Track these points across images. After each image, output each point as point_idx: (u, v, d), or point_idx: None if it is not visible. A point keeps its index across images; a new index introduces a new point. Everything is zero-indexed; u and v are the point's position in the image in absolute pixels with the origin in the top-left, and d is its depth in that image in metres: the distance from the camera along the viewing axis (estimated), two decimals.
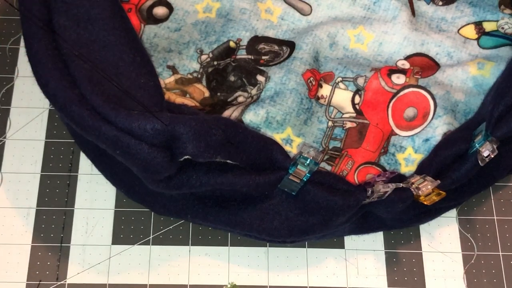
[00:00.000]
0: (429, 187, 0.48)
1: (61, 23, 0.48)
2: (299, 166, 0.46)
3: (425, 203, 0.48)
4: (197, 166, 0.47)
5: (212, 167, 0.47)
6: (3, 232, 0.56)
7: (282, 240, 0.52)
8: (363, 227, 0.54)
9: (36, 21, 0.47)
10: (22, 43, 0.63)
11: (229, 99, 0.55)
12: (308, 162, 0.46)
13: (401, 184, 0.48)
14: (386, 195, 0.48)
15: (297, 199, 0.48)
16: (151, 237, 0.56)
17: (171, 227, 0.57)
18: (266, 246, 0.57)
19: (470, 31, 0.59)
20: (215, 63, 0.57)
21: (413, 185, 0.48)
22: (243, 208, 0.50)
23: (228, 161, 0.46)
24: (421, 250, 0.57)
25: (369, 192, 0.47)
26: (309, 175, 0.46)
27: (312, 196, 0.47)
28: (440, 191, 0.48)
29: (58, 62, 0.47)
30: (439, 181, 0.48)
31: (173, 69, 0.56)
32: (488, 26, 0.59)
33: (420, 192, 0.48)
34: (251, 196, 0.49)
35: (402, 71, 0.56)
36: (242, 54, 0.57)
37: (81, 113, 0.44)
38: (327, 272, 0.56)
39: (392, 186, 0.47)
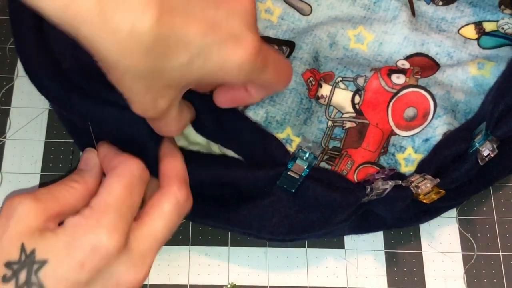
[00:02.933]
0: (428, 185, 0.48)
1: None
2: (297, 161, 0.46)
3: (425, 201, 0.48)
4: (198, 159, 0.47)
5: (211, 160, 0.47)
6: None
7: (282, 238, 0.52)
8: (363, 226, 0.54)
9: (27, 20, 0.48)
10: None
11: None
12: (307, 155, 0.46)
13: (400, 181, 0.48)
14: (385, 192, 0.48)
15: (296, 196, 0.48)
16: None
17: None
18: (266, 246, 0.57)
19: (470, 31, 0.59)
20: None
21: (413, 184, 0.48)
22: (242, 206, 0.50)
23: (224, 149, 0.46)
24: (421, 250, 0.57)
25: (368, 189, 0.47)
26: (307, 170, 0.46)
27: (311, 193, 0.47)
28: (440, 190, 0.48)
29: (49, 60, 0.47)
30: (438, 180, 0.48)
31: None
32: (488, 26, 0.59)
33: (419, 190, 0.48)
34: (250, 194, 0.49)
35: (402, 71, 0.57)
36: None
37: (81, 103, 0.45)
38: (327, 272, 0.56)
39: (391, 183, 0.47)
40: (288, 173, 0.46)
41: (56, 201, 0.40)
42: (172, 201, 0.42)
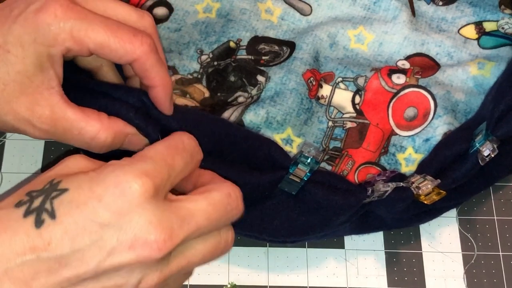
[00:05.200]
0: (429, 186, 0.48)
1: None
2: (299, 165, 0.46)
3: (426, 202, 0.48)
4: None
5: (212, 164, 0.46)
6: None
7: (283, 240, 0.52)
8: (363, 226, 0.54)
9: None
10: None
11: (229, 100, 0.55)
12: (309, 161, 0.46)
13: (401, 183, 0.48)
14: (386, 194, 0.48)
15: (297, 198, 0.48)
16: None
17: None
18: (266, 246, 0.57)
19: (471, 31, 0.59)
20: (215, 63, 0.57)
21: (413, 184, 0.48)
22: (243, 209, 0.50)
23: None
24: (421, 250, 0.57)
25: (369, 191, 0.47)
26: (309, 174, 0.46)
27: (313, 196, 0.47)
28: (441, 190, 0.48)
29: None
30: (439, 180, 0.48)
31: (173, 70, 0.56)
32: (489, 26, 0.59)
33: (420, 191, 0.48)
34: (251, 197, 0.49)
35: (403, 71, 0.57)
36: (242, 54, 0.57)
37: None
38: (327, 272, 0.56)
39: (392, 185, 0.47)
40: (290, 177, 0.46)
41: None
42: (223, 191, 0.39)
